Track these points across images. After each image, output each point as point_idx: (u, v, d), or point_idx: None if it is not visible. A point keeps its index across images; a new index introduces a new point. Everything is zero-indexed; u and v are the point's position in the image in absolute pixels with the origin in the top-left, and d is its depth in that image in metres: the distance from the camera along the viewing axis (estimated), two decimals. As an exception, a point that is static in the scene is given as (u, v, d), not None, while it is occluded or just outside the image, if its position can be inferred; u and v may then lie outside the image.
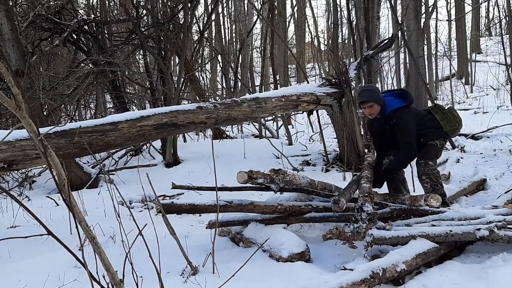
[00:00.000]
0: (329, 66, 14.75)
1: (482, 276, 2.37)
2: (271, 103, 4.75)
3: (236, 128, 10.53)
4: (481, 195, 4.19)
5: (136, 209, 4.34)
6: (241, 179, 2.77)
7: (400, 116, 3.46)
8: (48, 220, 3.77)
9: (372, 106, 3.47)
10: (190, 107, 4.03)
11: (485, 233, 2.55)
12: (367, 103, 3.47)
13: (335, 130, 5.75)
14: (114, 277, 1.52)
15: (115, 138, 3.44)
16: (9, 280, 2.58)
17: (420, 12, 7.03)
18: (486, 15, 24.54)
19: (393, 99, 3.57)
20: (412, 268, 2.44)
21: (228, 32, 15.41)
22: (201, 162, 5.89)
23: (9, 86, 1.33)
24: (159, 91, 7.05)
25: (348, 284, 2.13)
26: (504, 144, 6.29)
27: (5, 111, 6.18)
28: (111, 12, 8.01)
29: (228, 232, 3.19)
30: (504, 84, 13.27)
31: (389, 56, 14.62)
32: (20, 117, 1.35)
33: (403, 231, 2.67)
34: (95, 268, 1.57)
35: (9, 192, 1.49)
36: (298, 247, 2.73)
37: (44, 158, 1.40)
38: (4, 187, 5.53)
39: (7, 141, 2.94)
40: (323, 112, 7.23)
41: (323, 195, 3.25)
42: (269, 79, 13.92)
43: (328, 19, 20.12)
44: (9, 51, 5.08)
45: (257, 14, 10.72)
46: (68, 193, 1.42)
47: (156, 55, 6.53)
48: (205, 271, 2.56)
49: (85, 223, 1.47)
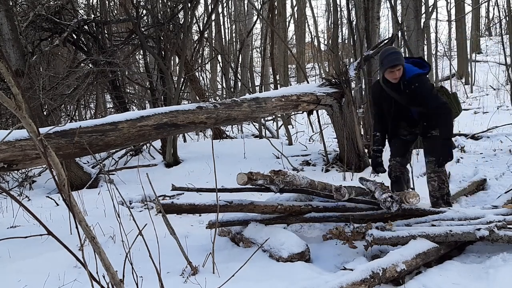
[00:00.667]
0: (329, 66, 14.74)
1: (482, 276, 2.37)
2: (271, 103, 4.75)
3: (236, 128, 10.53)
4: (481, 195, 4.19)
5: (136, 209, 4.34)
6: (241, 181, 2.77)
7: (423, 82, 3.36)
8: (48, 220, 3.77)
9: (400, 69, 3.32)
10: (190, 107, 4.03)
11: (485, 233, 2.55)
12: (398, 66, 3.29)
13: (335, 130, 5.75)
14: (114, 277, 1.52)
15: (115, 138, 3.44)
16: (9, 280, 2.58)
17: (420, 12, 7.04)
18: (486, 15, 24.58)
19: (412, 66, 3.46)
20: (412, 268, 2.44)
21: (228, 32, 15.42)
22: (201, 162, 5.89)
23: (9, 86, 1.33)
24: (159, 91, 7.05)
25: (348, 284, 2.13)
26: (504, 144, 6.28)
27: (5, 111, 6.18)
28: (111, 12, 8.01)
29: (228, 232, 3.19)
30: (504, 84, 13.26)
31: (389, 56, 14.60)
32: (20, 117, 1.35)
33: (403, 231, 2.67)
34: (95, 268, 1.57)
35: (9, 192, 1.49)
36: (298, 247, 2.73)
37: (44, 158, 1.40)
38: (4, 187, 5.53)
39: (7, 141, 2.94)
40: (323, 112, 7.23)
41: (323, 195, 3.24)
42: (269, 79, 13.92)
43: (328, 19, 20.13)
44: (9, 51, 5.08)
45: (257, 14, 10.72)
46: (68, 193, 1.42)
47: (156, 55, 6.53)
48: (205, 271, 2.56)
49: (85, 223, 1.47)
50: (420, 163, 5.58)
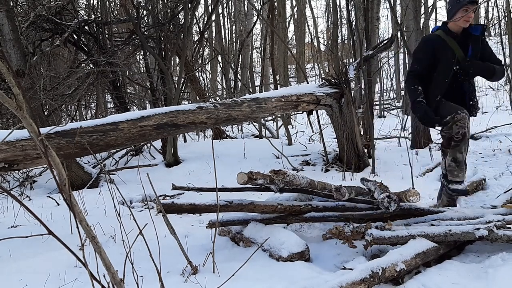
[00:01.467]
0: (328, 66, 14.75)
1: (482, 276, 2.38)
2: (271, 103, 4.76)
3: (236, 128, 10.53)
4: (480, 195, 4.19)
5: (136, 209, 4.35)
6: (241, 180, 2.78)
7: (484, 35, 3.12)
8: (49, 220, 3.78)
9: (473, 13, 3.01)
10: (190, 107, 4.03)
11: (484, 232, 2.56)
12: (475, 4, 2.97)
13: (335, 130, 5.76)
14: (114, 276, 1.53)
15: (115, 138, 3.45)
16: (10, 280, 2.59)
17: (419, 12, 7.04)
18: (485, 16, 24.53)
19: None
20: (411, 268, 2.45)
21: (228, 33, 15.42)
22: (201, 162, 5.90)
23: (10, 87, 1.34)
24: (159, 91, 7.06)
25: (348, 283, 2.14)
26: (503, 144, 6.30)
27: (6, 111, 6.19)
28: (111, 13, 8.02)
29: (228, 232, 3.19)
30: (503, 84, 13.27)
31: (389, 56, 14.63)
32: (21, 117, 1.36)
33: (403, 230, 2.68)
34: (95, 268, 1.58)
35: (10, 192, 1.50)
36: (298, 247, 2.73)
37: (45, 158, 1.41)
38: (5, 187, 5.54)
39: (8, 141, 2.95)
40: (322, 112, 7.24)
41: (322, 195, 3.25)
42: (269, 79, 13.93)
43: (328, 20, 20.12)
44: (10, 52, 5.09)
45: (257, 14, 10.73)
46: (69, 193, 1.43)
47: (156, 56, 6.54)
48: (205, 270, 2.57)
49: (86, 223, 1.48)
50: (420, 163, 5.61)
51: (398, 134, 7.68)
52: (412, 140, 6.83)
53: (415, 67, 3.23)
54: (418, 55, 3.29)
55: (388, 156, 6.04)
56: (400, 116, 9.40)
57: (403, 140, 6.98)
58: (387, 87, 15.83)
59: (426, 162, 5.60)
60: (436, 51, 3.12)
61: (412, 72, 3.24)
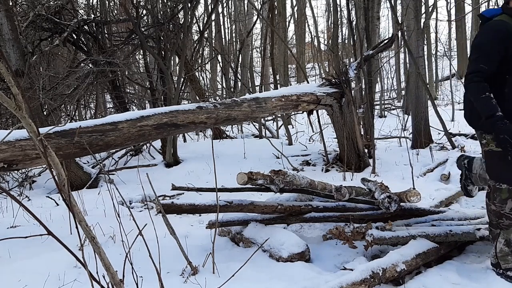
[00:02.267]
0: (329, 66, 14.74)
1: (482, 276, 2.37)
2: (271, 103, 4.75)
3: (236, 128, 10.52)
4: (480, 195, 4.18)
5: (136, 209, 4.35)
6: (241, 181, 2.77)
7: None
8: (48, 220, 3.77)
9: None
10: (190, 107, 4.03)
11: (485, 233, 2.56)
12: None
13: (335, 130, 5.75)
14: (114, 277, 1.52)
15: (115, 138, 3.44)
16: (9, 280, 2.58)
17: (420, 12, 7.03)
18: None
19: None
20: (412, 268, 2.44)
21: (228, 32, 15.41)
22: (201, 162, 5.90)
23: (9, 86, 1.33)
24: (159, 91, 7.05)
25: (348, 284, 2.13)
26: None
27: (5, 111, 6.18)
28: (111, 12, 8.00)
29: (228, 232, 3.19)
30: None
31: (389, 56, 14.63)
32: (20, 117, 1.35)
33: (403, 231, 2.68)
34: (95, 268, 1.57)
35: (9, 192, 1.49)
36: (298, 247, 2.73)
37: (44, 158, 1.40)
38: (4, 187, 5.53)
39: (7, 141, 2.94)
40: (323, 112, 7.23)
41: (323, 195, 3.24)
42: (269, 79, 13.93)
43: (328, 19, 20.09)
44: (9, 51, 5.08)
45: (257, 14, 10.72)
46: (68, 193, 1.42)
47: (156, 55, 6.53)
48: (205, 271, 2.56)
49: (85, 223, 1.47)
50: (421, 163, 5.60)
51: (398, 134, 7.67)
52: (412, 140, 6.82)
53: (481, 66, 2.29)
54: (485, 48, 2.33)
55: (388, 156, 6.03)
56: (401, 116, 9.40)
57: (403, 140, 6.97)
58: (388, 86, 15.83)
59: (427, 162, 5.59)
60: (510, 42, 2.28)
61: (478, 73, 2.29)
